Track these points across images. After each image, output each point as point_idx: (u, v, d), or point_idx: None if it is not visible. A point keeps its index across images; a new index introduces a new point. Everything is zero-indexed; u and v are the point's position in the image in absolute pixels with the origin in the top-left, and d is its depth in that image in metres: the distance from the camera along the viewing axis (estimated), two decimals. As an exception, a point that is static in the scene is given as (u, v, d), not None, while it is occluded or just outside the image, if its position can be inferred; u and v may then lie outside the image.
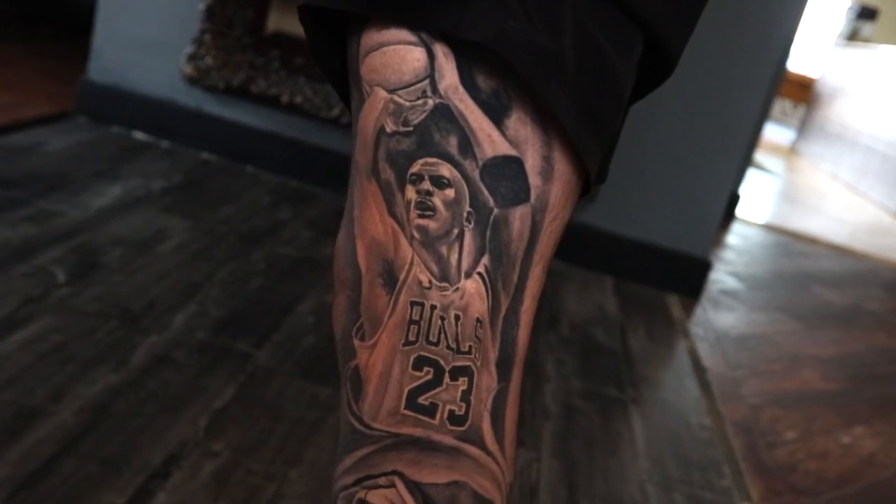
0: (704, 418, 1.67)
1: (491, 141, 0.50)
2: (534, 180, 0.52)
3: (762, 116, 3.27)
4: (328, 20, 0.56)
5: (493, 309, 0.51)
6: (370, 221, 0.52)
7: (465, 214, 0.50)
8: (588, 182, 0.56)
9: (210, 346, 1.43)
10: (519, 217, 0.51)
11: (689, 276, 2.36)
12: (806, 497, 1.48)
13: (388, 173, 0.51)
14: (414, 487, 0.48)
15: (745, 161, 3.22)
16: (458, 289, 0.49)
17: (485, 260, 0.50)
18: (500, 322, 0.51)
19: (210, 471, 1.13)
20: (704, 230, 2.34)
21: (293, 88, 2.34)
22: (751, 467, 1.52)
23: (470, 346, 0.49)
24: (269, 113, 2.41)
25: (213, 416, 1.25)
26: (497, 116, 0.50)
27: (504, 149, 0.51)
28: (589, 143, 0.54)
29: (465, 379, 0.49)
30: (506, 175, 0.51)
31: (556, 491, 1.30)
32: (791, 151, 6.87)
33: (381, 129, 0.52)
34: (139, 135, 2.45)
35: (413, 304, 0.49)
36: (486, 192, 0.50)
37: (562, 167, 0.53)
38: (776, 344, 2.20)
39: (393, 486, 0.48)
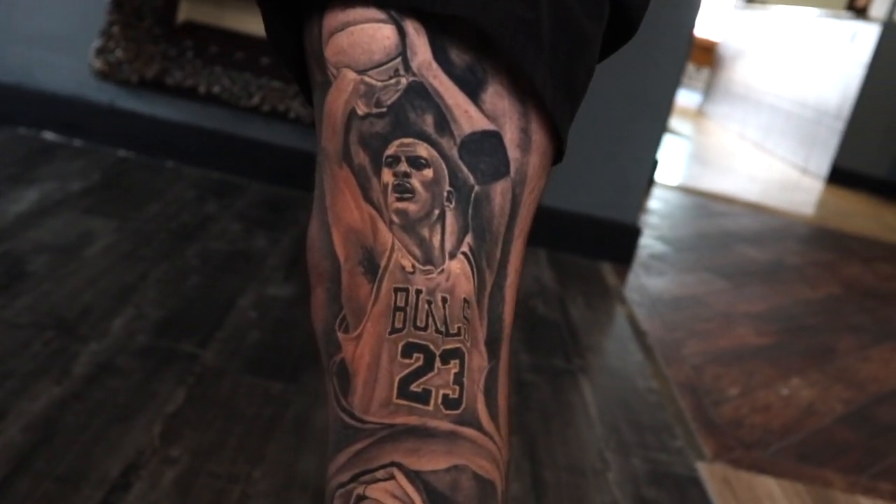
0: (651, 381, 1.70)
1: (468, 117, 0.49)
2: (513, 153, 0.51)
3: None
4: (286, 3, 0.54)
5: (479, 288, 0.50)
6: (345, 209, 0.50)
7: (445, 194, 0.49)
8: (560, 150, 0.55)
9: (153, 350, 1.39)
10: (500, 192, 0.50)
11: (620, 243, 2.39)
12: (755, 450, 1.52)
13: (361, 157, 0.49)
14: (414, 476, 0.46)
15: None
16: (443, 270, 0.48)
17: (468, 239, 0.49)
18: (486, 300, 0.50)
19: (171, 478, 1.10)
20: (632, 197, 2.38)
21: (209, 78, 2.27)
22: (700, 426, 1.56)
23: (459, 328, 0.48)
24: (186, 105, 2.35)
25: (166, 421, 1.21)
26: (473, 91, 0.49)
27: (482, 124, 0.50)
28: (565, 111, 0.53)
29: (457, 361, 0.48)
30: (485, 150, 0.50)
31: (521, 465, 1.31)
32: (698, 114, 7.03)
33: (352, 113, 0.50)
34: (49, 135, 2.35)
35: (397, 290, 0.48)
36: (465, 169, 0.49)
37: (539, 138, 0.52)
38: (708, 304, 2.25)
39: (392, 478, 0.47)
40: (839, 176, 4.89)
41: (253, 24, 2.32)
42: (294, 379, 1.40)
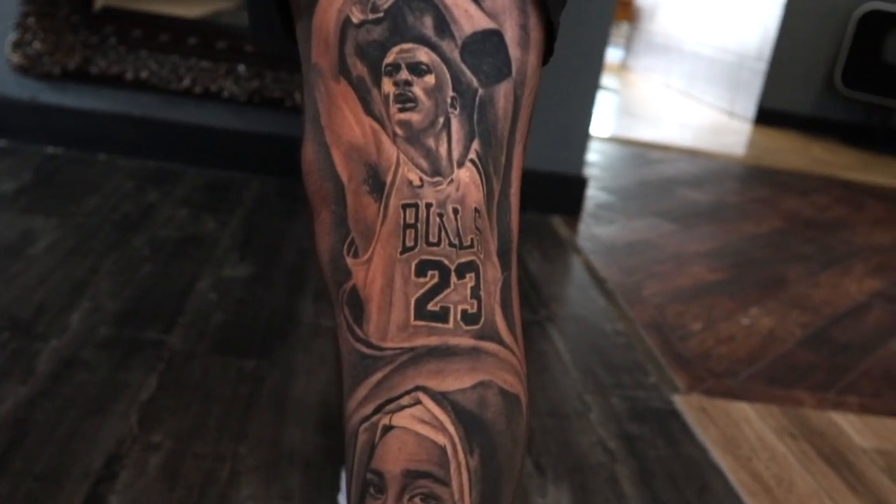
0: (617, 324, 1.71)
1: (468, 16, 0.47)
2: (514, 52, 0.49)
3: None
4: None
5: (488, 196, 0.48)
6: (344, 125, 0.48)
7: (448, 100, 0.47)
8: (550, 48, 0.54)
9: (117, 340, 1.35)
10: (503, 94, 0.49)
11: (568, 194, 2.40)
12: (726, 378, 1.55)
13: (359, 68, 0.47)
14: (441, 398, 0.45)
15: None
16: (452, 181, 0.46)
17: (475, 145, 0.47)
18: (494, 209, 0.49)
19: (157, 464, 1.07)
20: (576, 149, 2.38)
21: (136, 64, 2.21)
22: (670, 362, 1.58)
23: (472, 239, 0.46)
24: (114, 94, 2.27)
25: (142, 409, 1.18)
26: None
27: (483, 23, 0.48)
28: (558, 4, 0.53)
29: (472, 275, 0.46)
30: (487, 51, 0.48)
31: (503, 417, 1.30)
32: (622, 68, 7.09)
33: (347, 21, 0.48)
34: (-27, 138, 2.26)
35: (406, 206, 0.46)
36: (468, 72, 0.47)
37: (536, 34, 0.51)
38: (660, 247, 2.27)
39: (418, 402, 0.45)
40: (766, 116, 4.99)
41: (175, 6, 2.26)
42: (265, 355, 1.37)
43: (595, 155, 3.30)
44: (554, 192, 2.39)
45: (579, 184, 2.41)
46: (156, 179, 2.17)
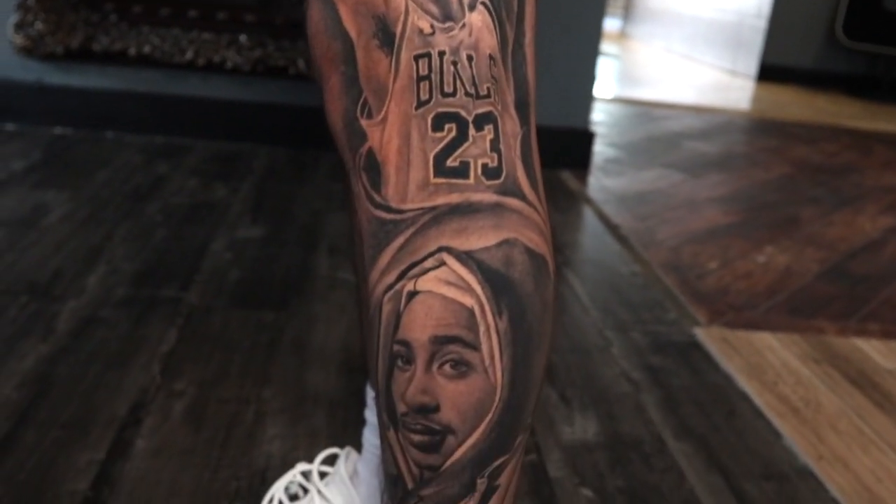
0: (633, 266, 1.71)
1: None
2: None
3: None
4: None
5: (503, 43, 0.46)
6: None
7: None
8: None
9: (135, 299, 1.35)
10: None
11: (576, 149, 2.39)
12: (746, 311, 1.54)
13: None
14: (466, 258, 0.44)
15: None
16: (464, 25, 0.44)
17: None
18: (509, 58, 0.47)
19: (181, 409, 1.07)
20: (583, 102, 2.37)
21: (138, 39, 2.20)
22: (689, 298, 1.57)
23: (488, 88, 0.45)
24: (118, 71, 2.27)
25: (164, 360, 1.18)
26: None
27: None
28: None
29: (490, 127, 0.45)
30: None
31: (525, 353, 1.30)
32: (621, 36, 7.05)
33: None
34: (-21, 123, 2.26)
35: (418, 57, 0.44)
36: None
37: None
38: (671, 194, 2.26)
39: (442, 264, 0.44)
40: (768, 72, 4.95)
41: (173, -21, 2.25)
42: (283, 307, 1.37)
43: (600, 115, 3.28)
44: (562, 147, 2.37)
45: (586, 138, 2.40)
46: (165, 153, 2.17)
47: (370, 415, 0.75)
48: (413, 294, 0.45)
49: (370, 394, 0.74)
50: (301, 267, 1.53)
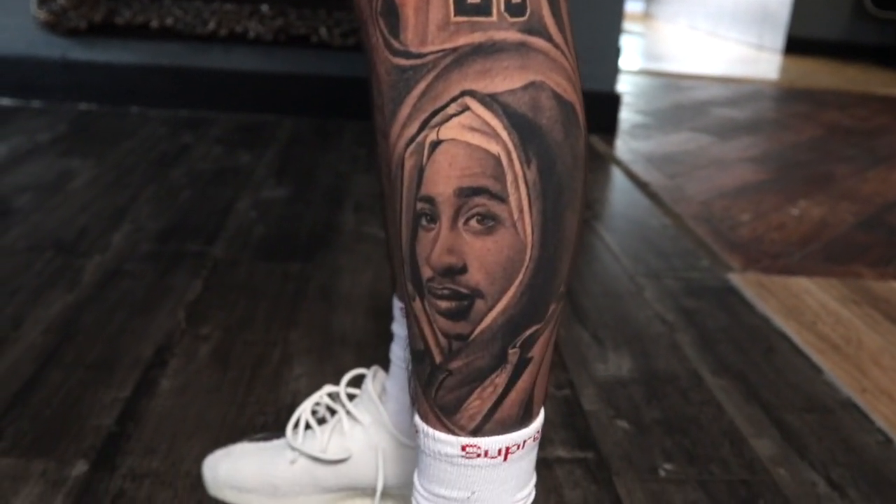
0: (664, 219, 1.67)
1: None
2: None
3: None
4: None
5: None
6: None
7: None
8: None
9: (161, 254, 1.34)
10: None
11: (603, 112, 2.36)
12: (781, 259, 1.50)
13: None
14: (490, 101, 0.41)
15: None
16: None
17: None
18: None
19: (207, 351, 1.05)
20: (609, 66, 2.34)
21: (160, 12, 2.20)
22: (723, 247, 1.54)
23: None
24: (141, 45, 2.27)
25: (189, 307, 1.17)
26: None
27: None
28: None
29: None
30: None
31: (555, 297, 1.27)
32: (645, 17, 6.99)
33: None
34: (5, 100, 2.27)
35: None
36: None
37: None
38: (700, 155, 2.22)
39: (466, 109, 0.42)
40: (795, 45, 4.88)
41: (193, -49, 2.24)
42: (309, 258, 1.36)
43: (626, 86, 3.24)
44: (588, 111, 2.33)
45: (613, 100, 2.36)
46: (189, 125, 2.16)
47: (397, 328, 0.73)
48: (436, 144, 0.43)
49: (397, 305, 0.72)
50: (326, 223, 1.52)
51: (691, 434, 0.95)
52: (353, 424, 0.75)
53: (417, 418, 0.51)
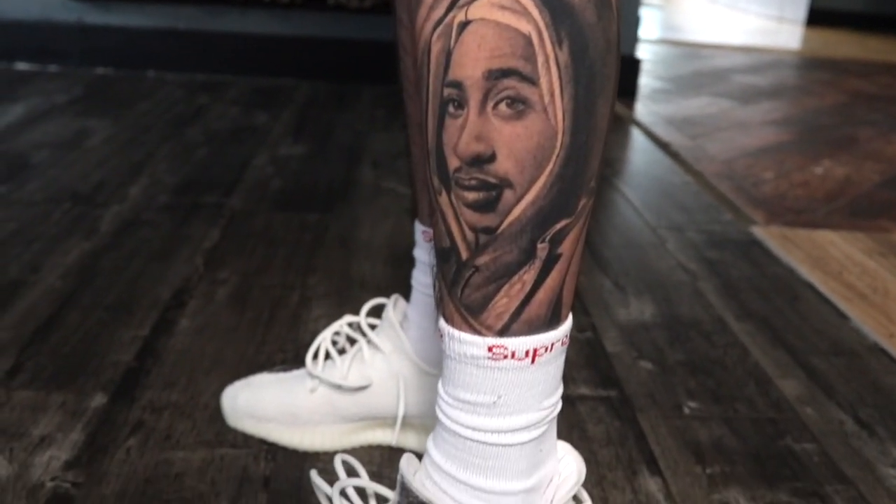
0: (685, 177, 1.65)
1: None
2: None
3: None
4: None
5: None
6: None
7: None
8: None
9: (178, 205, 1.33)
10: None
11: (623, 76, 2.33)
12: (805, 214, 1.48)
13: None
14: None
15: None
16: None
17: None
18: None
19: (225, 294, 1.05)
20: (628, 30, 2.31)
21: (176, -26, 2.18)
22: (745, 203, 1.51)
23: None
24: (157, 8, 2.26)
25: (207, 254, 1.16)
26: None
27: None
28: None
29: None
30: None
31: (576, 247, 1.26)
32: (663, -8, 6.91)
33: None
34: (22, 65, 2.27)
35: None
36: None
37: None
38: (722, 118, 2.20)
39: None
40: (817, 17, 4.81)
41: (209, -88, 2.23)
42: (328, 210, 1.34)
43: (644, 53, 3.20)
44: (607, 74, 2.31)
45: (633, 64, 2.33)
46: (205, 88, 2.15)
47: (419, 253, 0.72)
48: (464, 25, 0.42)
49: (419, 229, 0.71)
50: (344, 178, 1.50)
51: (716, 375, 0.93)
52: (373, 352, 0.74)
53: (442, 321, 0.49)
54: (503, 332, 0.47)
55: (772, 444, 0.81)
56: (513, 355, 0.47)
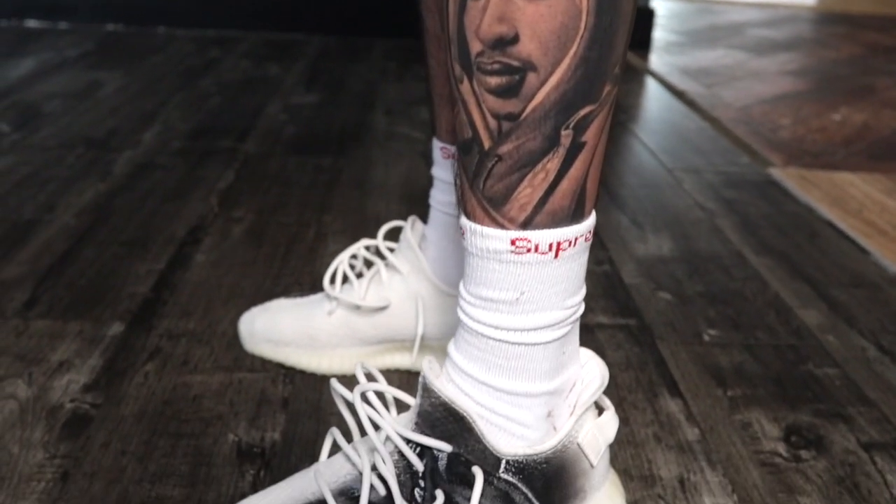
0: (702, 123, 1.63)
1: None
2: None
3: None
4: None
5: None
6: None
7: None
8: None
9: (192, 149, 1.32)
10: None
11: (637, 25, 2.30)
12: (824, 157, 1.46)
13: None
14: None
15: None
16: None
17: None
18: None
19: (241, 231, 1.04)
20: (641, -22, 2.28)
21: (185, -73, 2.16)
22: (763, 146, 1.50)
23: None
24: (166, -37, 2.24)
25: (222, 194, 1.16)
26: None
27: None
28: None
29: None
30: None
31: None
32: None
33: None
34: (32, 22, 2.25)
35: None
36: None
37: None
38: (737, 68, 2.17)
39: None
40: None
41: None
42: (342, 153, 1.34)
43: (658, 8, 3.16)
44: (622, 26, 2.28)
45: (647, 15, 2.30)
46: (216, 43, 2.14)
47: (437, 171, 0.71)
48: None
49: (437, 146, 0.70)
50: (358, 124, 1.49)
51: (735, 305, 0.92)
52: (391, 274, 0.73)
53: (463, 218, 0.48)
54: (526, 225, 0.46)
55: (793, 369, 0.80)
56: (536, 248, 0.47)
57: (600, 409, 0.56)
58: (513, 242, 0.46)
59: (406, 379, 0.75)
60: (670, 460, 0.66)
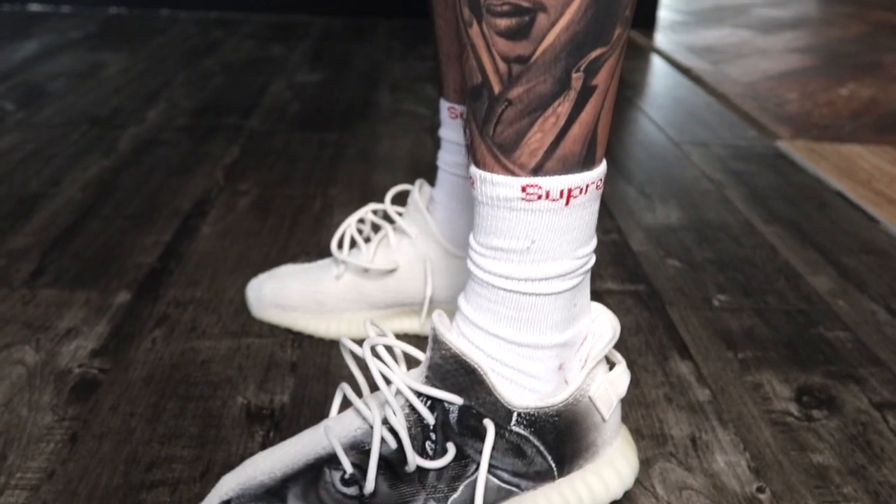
0: (708, 98, 1.62)
1: None
2: None
3: None
4: None
5: None
6: None
7: None
8: None
9: (197, 126, 1.32)
10: None
11: (642, 5, 2.29)
12: (832, 129, 1.45)
13: None
14: None
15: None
16: None
17: None
18: None
19: (246, 203, 1.04)
20: (645, -44, 2.27)
21: None
22: (770, 120, 1.49)
23: None
24: (168, -54, 2.23)
25: (227, 168, 1.15)
26: None
27: None
28: None
29: None
30: None
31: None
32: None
33: None
34: (35, 6, 2.25)
35: None
36: None
37: None
38: (743, 46, 2.16)
39: None
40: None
41: None
42: (347, 129, 1.33)
43: (664, -8, 3.15)
44: (626, 4, 2.27)
45: (652, -6, 2.29)
46: (220, 24, 2.13)
47: (445, 132, 0.70)
48: None
49: (444, 106, 0.69)
50: (363, 101, 1.49)
51: (745, 271, 0.92)
52: (399, 237, 0.73)
53: (473, 167, 0.48)
54: (537, 171, 0.45)
55: (804, 332, 0.80)
56: (547, 195, 0.46)
57: (611, 364, 0.56)
58: (523, 189, 0.46)
59: (415, 343, 0.75)
60: (681, 420, 0.65)
